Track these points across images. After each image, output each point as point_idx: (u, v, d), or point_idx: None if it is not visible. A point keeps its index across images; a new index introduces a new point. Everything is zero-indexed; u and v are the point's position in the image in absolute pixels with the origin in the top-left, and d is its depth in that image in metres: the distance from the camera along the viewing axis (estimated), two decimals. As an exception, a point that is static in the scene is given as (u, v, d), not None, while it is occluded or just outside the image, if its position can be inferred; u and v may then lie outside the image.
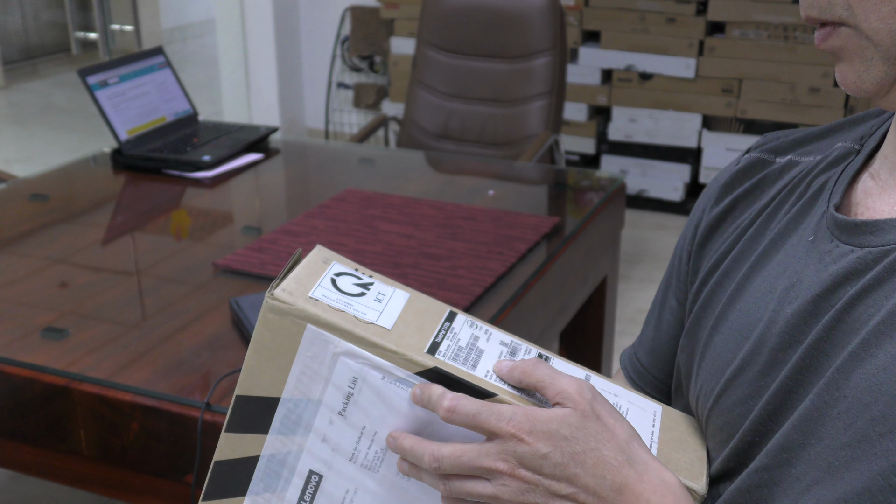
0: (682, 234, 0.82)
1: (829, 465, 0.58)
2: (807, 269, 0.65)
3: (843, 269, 0.62)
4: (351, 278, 0.68)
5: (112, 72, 2.29)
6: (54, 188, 2.14)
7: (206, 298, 1.58)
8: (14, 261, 1.73)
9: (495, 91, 2.89)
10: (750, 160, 0.77)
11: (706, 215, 0.78)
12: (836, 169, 0.69)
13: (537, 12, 2.81)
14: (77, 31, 3.91)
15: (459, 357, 0.66)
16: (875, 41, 0.59)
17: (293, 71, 4.56)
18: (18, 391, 1.36)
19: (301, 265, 0.68)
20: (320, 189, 2.16)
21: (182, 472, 1.30)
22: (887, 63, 0.59)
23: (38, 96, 6.09)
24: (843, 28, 0.61)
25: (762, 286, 0.68)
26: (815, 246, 0.65)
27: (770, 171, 0.76)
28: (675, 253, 0.83)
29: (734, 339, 0.69)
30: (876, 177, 0.66)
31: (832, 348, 0.61)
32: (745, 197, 0.76)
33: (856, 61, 0.61)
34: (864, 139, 0.70)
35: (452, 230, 1.81)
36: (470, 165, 2.44)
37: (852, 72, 0.62)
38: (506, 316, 1.52)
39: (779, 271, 0.68)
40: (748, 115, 3.68)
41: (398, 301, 0.68)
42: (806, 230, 0.68)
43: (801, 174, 0.72)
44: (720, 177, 0.80)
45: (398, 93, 4.14)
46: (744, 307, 0.69)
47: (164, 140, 2.31)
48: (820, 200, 0.68)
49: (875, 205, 0.65)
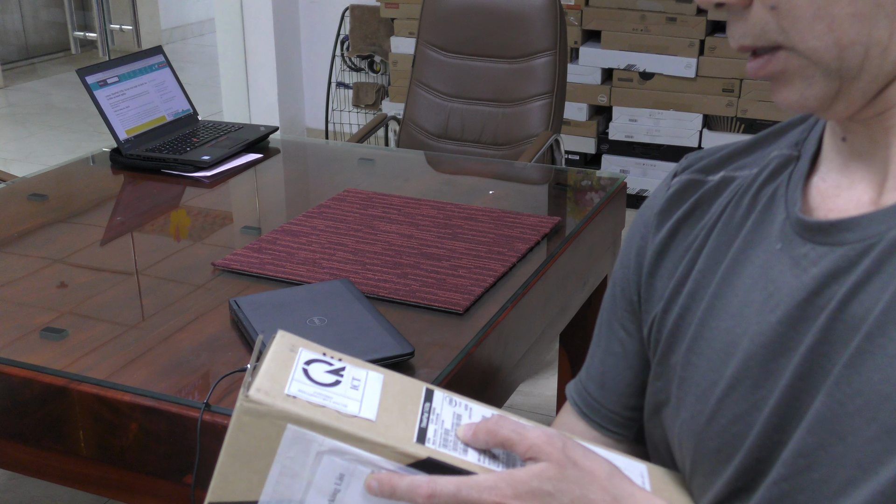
0: (620, 265, 0.83)
1: (859, 463, 0.58)
2: (782, 276, 0.65)
3: (827, 269, 0.62)
4: (322, 365, 0.65)
5: (111, 71, 2.28)
6: (53, 188, 2.14)
7: (205, 298, 1.58)
8: (13, 261, 1.73)
9: (495, 91, 2.89)
10: (681, 183, 0.77)
11: (650, 243, 0.78)
12: (781, 177, 0.70)
13: (537, 12, 2.81)
14: (76, 31, 3.91)
15: (449, 442, 0.64)
16: (814, 59, 0.59)
17: (293, 70, 4.56)
18: (17, 391, 1.35)
19: (269, 358, 0.64)
20: (320, 189, 2.15)
21: (181, 473, 1.29)
22: (828, 78, 0.60)
23: (37, 96, 6.09)
24: (780, 52, 0.61)
25: (736, 301, 0.68)
26: (786, 252, 0.65)
27: (705, 190, 0.75)
28: (613, 285, 0.83)
29: (717, 359, 0.68)
30: (826, 179, 0.67)
31: (832, 349, 0.61)
32: (687, 219, 0.76)
33: (796, 81, 0.61)
34: (798, 145, 0.71)
35: (452, 230, 1.80)
36: (470, 165, 2.44)
37: (794, 92, 0.62)
38: (506, 316, 1.52)
39: (750, 284, 0.67)
40: (749, 115, 3.68)
41: (374, 385, 0.66)
42: (769, 239, 0.67)
43: (743, 188, 0.72)
44: (651, 204, 0.80)
45: (398, 92, 4.14)
46: (721, 325, 0.68)
47: (163, 140, 2.31)
48: (774, 209, 0.68)
49: (837, 205, 0.65)
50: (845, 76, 0.59)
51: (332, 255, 1.69)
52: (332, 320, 1.40)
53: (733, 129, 3.75)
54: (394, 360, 1.33)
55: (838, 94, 0.60)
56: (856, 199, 0.64)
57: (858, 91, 0.60)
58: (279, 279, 1.61)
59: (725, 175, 0.75)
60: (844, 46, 0.58)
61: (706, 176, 0.76)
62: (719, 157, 0.77)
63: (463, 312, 1.50)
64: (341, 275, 1.60)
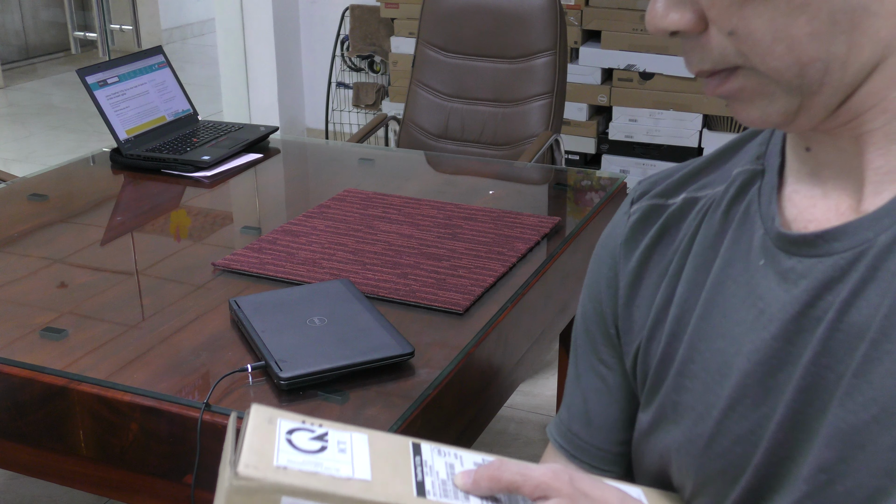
0: (589, 300, 0.81)
1: (885, 471, 0.58)
2: (771, 292, 0.64)
3: (819, 280, 0.61)
4: (304, 433, 0.63)
5: (111, 71, 2.28)
6: (53, 188, 2.14)
7: (205, 298, 1.58)
8: (13, 261, 1.73)
9: (495, 91, 2.89)
10: (642, 210, 0.77)
11: (621, 274, 0.77)
12: (750, 193, 0.69)
13: (537, 12, 2.81)
14: (76, 31, 3.91)
15: (448, 492, 0.62)
16: (774, 78, 0.59)
17: (293, 71, 4.56)
18: (17, 391, 1.35)
19: (249, 433, 0.61)
20: (320, 189, 2.15)
21: (181, 473, 1.29)
22: (789, 94, 0.59)
23: (37, 96, 6.09)
24: (739, 71, 0.60)
25: (724, 322, 0.67)
26: (771, 267, 0.65)
27: (669, 213, 0.75)
28: (585, 321, 0.82)
29: (711, 380, 0.67)
30: (798, 190, 0.66)
31: (834, 360, 0.60)
32: (656, 245, 0.75)
33: (757, 99, 0.61)
34: (761, 159, 0.70)
35: (452, 230, 1.80)
36: (470, 165, 2.44)
37: (755, 109, 0.61)
38: (506, 316, 1.52)
39: (736, 303, 0.67)
40: (748, 115, 3.68)
41: (361, 446, 0.64)
42: (749, 256, 0.67)
43: (710, 207, 0.72)
44: (614, 234, 0.79)
45: (398, 93, 4.14)
46: (711, 346, 0.68)
47: (163, 140, 2.30)
48: (750, 225, 0.68)
49: (815, 216, 0.64)
50: (806, 91, 0.59)
51: (332, 255, 1.69)
52: (332, 320, 1.40)
53: (733, 129, 3.75)
54: (394, 360, 1.33)
55: (800, 108, 0.60)
56: (834, 207, 0.64)
57: (821, 104, 0.59)
58: (279, 279, 1.61)
59: (687, 196, 0.74)
60: (805, 64, 0.57)
61: (667, 200, 0.76)
62: (677, 178, 0.76)
63: (463, 312, 1.50)
64: (341, 275, 1.60)
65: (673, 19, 0.60)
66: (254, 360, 1.34)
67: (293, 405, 1.26)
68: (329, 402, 1.26)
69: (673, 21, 0.59)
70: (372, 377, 1.32)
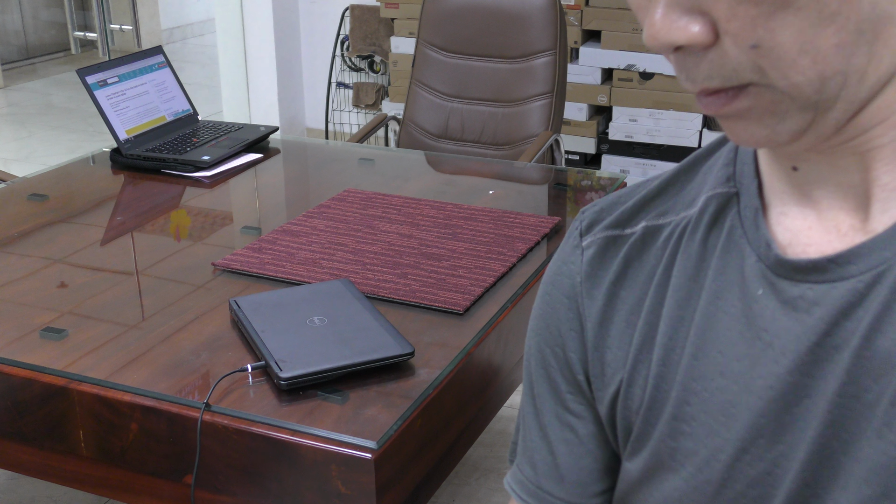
0: (547, 345, 0.75)
1: None
2: (776, 323, 0.60)
3: (835, 307, 0.58)
4: None
5: (111, 71, 2.28)
6: (53, 188, 2.14)
7: (205, 298, 1.58)
8: (13, 261, 1.73)
9: (495, 91, 2.89)
10: (598, 243, 0.71)
11: (586, 315, 0.71)
12: (729, 218, 0.64)
13: (537, 12, 2.81)
14: (76, 31, 3.91)
15: None
16: (792, 95, 0.54)
17: (293, 71, 4.56)
18: (17, 391, 1.35)
19: None
20: (320, 189, 2.15)
21: (181, 473, 1.29)
22: (804, 111, 0.55)
23: (38, 96, 6.09)
24: (750, 88, 0.54)
25: (721, 359, 0.63)
26: (773, 297, 0.60)
27: (630, 244, 0.70)
28: (545, 368, 0.75)
29: (715, 423, 0.63)
30: (787, 214, 0.62)
31: (861, 389, 0.57)
32: (621, 280, 0.70)
33: (766, 118, 0.55)
34: (731, 181, 0.65)
35: (452, 230, 1.80)
36: (470, 165, 2.44)
37: (762, 128, 0.56)
38: (506, 316, 1.52)
39: (734, 338, 0.62)
40: (748, 115, 3.68)
41: None
42: (741, 286, 0.62)
43: (681, 235, 0.67)
44: (568, 273, 0.73)
45: (398, 93, 4.14)
46: (710, 386, 0.63)
47: (163, 140, 2.31)
48: (734, 253, 0.63)
49: (813, 239, 0.60)
50: (821, 108, 0.54)
51: (332, 255, 1.69)
52: (332, 320, 1.40)
53: (733, 129, 3.75)
54: (394, 360, 1.33)
55: (811, 125, 0.55)
56: (834, 229, 0.60)
57: (832, 120, 0.55)
58: (279, 279, 1.61)
59: (648, 225, 0.69)
60: (827, 78, 0.53)
61: (623, 230, 0.70)
62: (630, 206, 0.71)
63: (463, 312, 1.50)
64: (341, 275, 1.60)
65: (680, 32, 0.53)
66: (254, 360, 1.34)
67: (293, 405, 1.26)
68: (329, 402, 1.26)
69: (680, 33, 0.53)
70: (372, 377, 1.32)
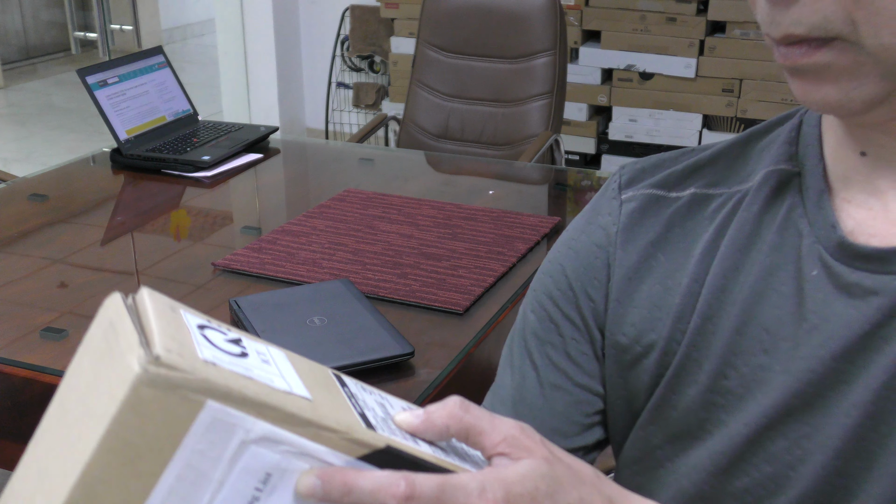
0: (556, 287, 0.72)
1: None
2: (827, 307, 0.58)
3: (894, 299, 0.56)
4: (216, 333, 0.46)
5: (111, 71, 2.29)
6: (53, 188, 2.14)
7: (205, 298, 1.58)
8: (13, 261, 1.73)
9: (495, 91, 2.89)
10: (641, 199, 0.69)
11: (615, 266, 0.68)
12: (789, 197, 0.62)
13: (537, 12, 2.81)
14: (77, 31, 3.91)
15: (394, 431, 0.49)
16: (880, 57, 0.51)
17: (293, 71, 4.56)
18: (17, 391, 1.35)
19: (152, 314, 0.43)
20: (320, 189, 2.15)
21: (181, 473, 1.29)
22: (884, 79, 0.52)
23: (38, 96, 6.09)
24: (836, 42, 0.51)
25: (766, 337, 0.61)
26: (828, 280, 0.59)
27: (676, 209, 0.67)
28: (550, 306, 0.72)
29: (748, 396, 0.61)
30: (851, 201, 0.60)
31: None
32: (662, 242, 0.67)
33: (843, 80, 0.52)
34: (793, 160, 0.63)
35: (452, 230, 1.80)
36: (470, 165, 2.44)
37: (837, 91, 0.53)
38: (506, 316, 1.52)
39: (783, 317, 0.60)
40: (748, 115, 3.68)
41: (283, 362, 0.47)
42: (795, 265, 0.60)
43: (730, 207, 0.65)
44: (603, 223, 0.69)
45: (398, 93, 4.14)
46: (750, 362, 0.61)
47: (163, 140, 2.31)
48: (792, 231, 0.61)
49: (878, 229, 0.59)
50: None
51: (332, 255, 1.69)
52: (332, 320, 1.40)
53: (733, 129, 3.75)
54: (394, 360, 1.33)
55: (887, 97, 0.53)
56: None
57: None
58: (279, 279, 1.61)
59: (697, 192, 0.67)
60: None
61: (669, 192, 0.68)
62: (679, 170, 0.69)
63: (463, 312, 1.50)
64: (341, 275, 1.60)
65: None
66: (254, 360, 1.34)
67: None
68: (329, 402, 1.26)
69: None
70: (372, 377, 1.32)
